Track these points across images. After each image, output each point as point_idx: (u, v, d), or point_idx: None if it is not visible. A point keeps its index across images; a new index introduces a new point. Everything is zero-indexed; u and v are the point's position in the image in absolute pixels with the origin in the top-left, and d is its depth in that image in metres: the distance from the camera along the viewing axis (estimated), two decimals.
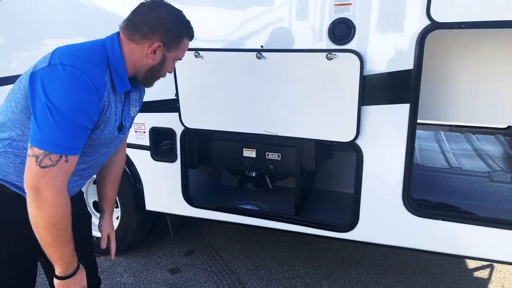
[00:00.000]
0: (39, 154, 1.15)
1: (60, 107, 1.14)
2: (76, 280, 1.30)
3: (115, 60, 1.30)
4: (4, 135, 1.29)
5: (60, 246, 1.23)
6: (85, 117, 1.21)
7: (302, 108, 2.10)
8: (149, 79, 1.42)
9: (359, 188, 2.14)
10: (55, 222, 1.18)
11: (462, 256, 2.23)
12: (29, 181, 1.17)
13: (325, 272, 2.81)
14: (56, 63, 1.18)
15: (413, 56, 1.89)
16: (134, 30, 1.31)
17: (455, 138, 3.79)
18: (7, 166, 1.30)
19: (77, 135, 1.21)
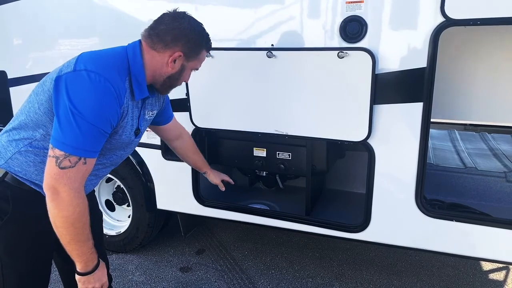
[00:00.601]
0: (59, 155, 1.19)
1: (82, 112, 1.19)
2: (96, 276, 1.34)
3: (135, 68, 1.34)
4: (26, 135, 1.34)
5: (79, 244, 1.27)
6: (105, 122, 1.26)
7: (313, 107, 2.08)
8: (166, 87, 1.48)
9: (371, 188, 2.11)
10: (73, 221, 1.22)
11: (477, 258, 2.18)
12: (48, 181, 1.21)
13: (336, 272, 2.79)
14: (81, 69, 1.24)
15: (427, 54, 1.85)
16: (157, 39, 1.36)
17: (470, 137, 3.73)
18: (27, 165, 1.35)
19: (97, 139, 1.26)
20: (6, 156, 1.36)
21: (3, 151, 1.36)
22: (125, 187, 2.80)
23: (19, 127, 1.35)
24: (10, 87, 2.92)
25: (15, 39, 2.86)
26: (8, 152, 1.35)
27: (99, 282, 1.35)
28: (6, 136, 1.38)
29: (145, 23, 2.36)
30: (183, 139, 1.96)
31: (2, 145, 1.37)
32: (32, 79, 2.81)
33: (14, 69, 2.89)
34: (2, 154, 1.36)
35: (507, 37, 3.12)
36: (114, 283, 2.64)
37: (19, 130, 1.35)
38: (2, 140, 1.39)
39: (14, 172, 1.36)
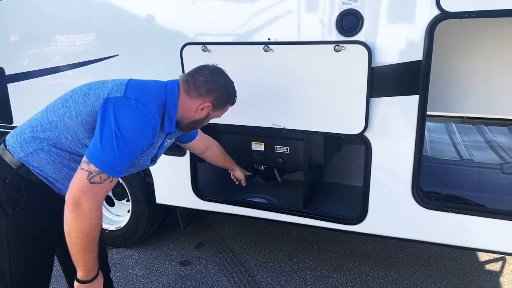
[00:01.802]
0: (93, 170, 1.28)
1: (125, 137, 1.31)
2: (94, 286, 1.40)
3: (171, 105, 1.49)
4: (51, 135, 1.41)
5: (87, 254, 1.34)
6: (139, 149, 1.39)
7: (310, 100, 2.09)
8: (189, 128, 1.65)
9: (368, 180, 2.13)
10: (88, 232, 1.30)
11: (473, 248, 2.21)
12: (74, 191, 1.27)
13: (334, 264, 2.82)
14: (131, 98, 1.37)
15: (423, 47, 1.86)
16: (193, 86, 1.53)
17: (467, 130, 3.74)
18: (46, 163, 1.43)
19: (127, 162, 1.37)
20: (27, 150, 1.42)
21: (25, 145, 1.42)
22: (124, 182, 2.82)
23: (47, 126, 1.42)
24: (7, 84, 2.92)
25: (12, 35, 2.86)
26: (30, 147, 1.42)
27: None
28: (30, 131, 1.44)
29: (142, 18, 2.38)
30: (211, 150, 2.21)
31: (25, 139, 1.43)
32: (29, 75, 2.82)
33: (11, 66, 2.89)
34: (24, 147, 1.42)
35: (503, 29, 3.13)
36: (114, 277, 2.67)
37: (45, 128, 1.42)
38: (25, 133, 1.44)
39: (31, 166, 1.42)
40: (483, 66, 3.40)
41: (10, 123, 2.97)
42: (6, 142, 1.48)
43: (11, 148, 1.44)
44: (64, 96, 1.49)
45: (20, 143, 1.43)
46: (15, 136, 1.47)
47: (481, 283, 2.59)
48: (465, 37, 3.30)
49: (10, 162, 1.43)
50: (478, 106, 3.58)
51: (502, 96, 3.38)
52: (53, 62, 2.71)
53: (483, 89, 3.46)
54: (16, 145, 1.44)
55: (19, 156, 1.42)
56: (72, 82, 2.72)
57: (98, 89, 1.42)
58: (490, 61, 3.36)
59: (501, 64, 3.28)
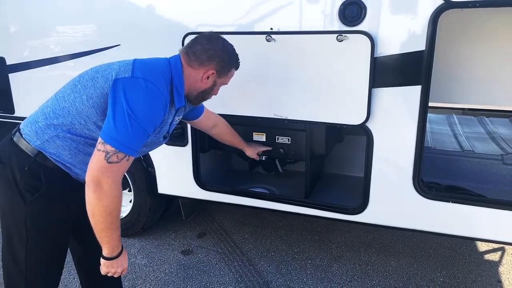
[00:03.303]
0: (110, 150, 1.30)
1: (137, 115, 1.33)
2: (120, 262, 1.47)
3: (177, 80, 1.51)
4: (65, 121, 1.44)
5: (111, 232, 1.39)
6: (152, 126, 1.41)
7: (312, 91, 2.09)
8: (198, 100, 1.67)
9: (369, 171, 2.14)
10: (111, 211, 1.34)
11: (473, 238, 2.23)
12: (93, 173, 1.31)
13: (334, 254, 2.84)
14: (139, 77, 1.39)
15: (426, 37, 1.86)
16: (194, 57, 1.53)
17: (468, 121, 3.74)
18: (63, 149, 1.46)
19: (141, 140, 1.39)
20: (43, 138, 1.45)
21: (41, 133, 1.45)
22: (126, 172, 2.82)
23: (59, 112, 1.44)
24: (9, 74, 2.92)
25: (13, 25, 2.85)
26: (46, 135, 1.44)
27: (121, 267, 1.48)
28: (43, 118, 1.46)
29: (143, 7, 2.37)
30: (218, 127, 2.17)
31: (40, 127, 1.46)
32: (31, 65, 2.81)
33: (12, 56, 2.88)
34: (40, 135, 1.45)
35: (506, 20, 3.11)
36: None
37: (58, 115, 1.44)
38: (39, 121, 1.47)
39: (48, 153, 1.45)
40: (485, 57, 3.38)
41: (12, 113, 2.98)
42: (21, 131, 1.50)
43: (27, 137, 1.46)
44: (72, 82, 1.50)
45: (35, 131, 1.46)
46: (29, 125, 1.48)
47: (481, 273, 2.62)
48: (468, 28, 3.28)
49: (27, 150, 1.45)
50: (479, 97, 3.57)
51: (503, 87, 3.38)
52: (54, 52, 2.70)
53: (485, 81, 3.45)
54: (31, 133, 1.46)
55: (36, 144, 1.45)
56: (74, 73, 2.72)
57: (105, 71, 1.44)
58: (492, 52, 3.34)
59: (503, 56, 3.27)
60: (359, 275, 2.61)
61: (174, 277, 2.61)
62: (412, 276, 2.60)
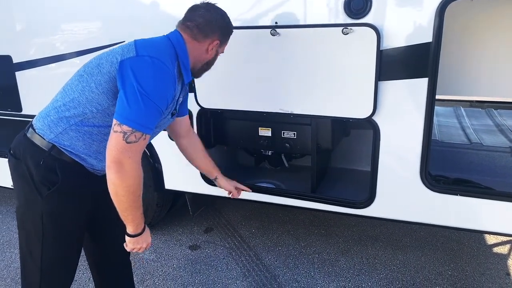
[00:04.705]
0: (127, 130, 1.31)
1: (149, 92, 1.33)
2: (144, 237, 1.52)
3: (183, 56, 1.52)
4: (77, 112, 1.44)
5: (134, 210, 1.42)
6: (164, 103, 1.41)
7: (317, 85, 2.08)
8: (202, 72, 1.68)
9: (376, 164, 2.13)
10: (133, 190, 1.37)
11: (481, 231, 2.22)
12: (114, 154, 1.32)
13: (342, 248, 2.84)
14: (144, 55, 1.39)
15: (432, 28, 1.84)
16: (197, 30, 1.54)
17: (476, 113, 3.71)
18: (77, 140, 1.46)
19: (156, 118, 1.40)
20: (56, 130, 1.45)
21: (54, 126, 1.46)
22: None
23: (70, 104, 1.45)
24: (16, 72, 2.94)
25: (19, 23, 2.86)
26: (59, 127, 1.45)
27: (146, 242, 1.54)
28: (55, 112, 1.47)
29: (146, 5, 2.36)
30: (191, 138, 1.98)
31: (52, 121, 1.46)
32: (37, 63, 2.83)
33: (19, 54, 2.90)
34: (53, 128, 1.46)
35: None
36: None
37: (69, 107, 1.44)
38: (51, 115, 1.47)
39: (62, 145, 1.46)
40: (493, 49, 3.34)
41: (19, 111, 3.00)
42: (34, 126, 1.50)
43: (40, 131, 1.47)
44: (78, 73, 1.50)
45: (48, 125, 1.46)
46: (42, 120, 1.49)
47: (489, 266, 2.60)
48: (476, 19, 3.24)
49: (41, 144, 1.46)
50: (487, 89, 3.53)
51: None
52: (60, 49, 2.72)
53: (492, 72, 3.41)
54: (44, 127, 1.47)
55: (50, 138, 1.45)
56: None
57: (109, 56, 1.44)
58: (500, 43, 3.30)
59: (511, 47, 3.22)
60: (367, 268, 2.61)
61: (182, 272, 2.63)
62: (419, 269, 2.59)
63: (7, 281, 2.57)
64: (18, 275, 2.52)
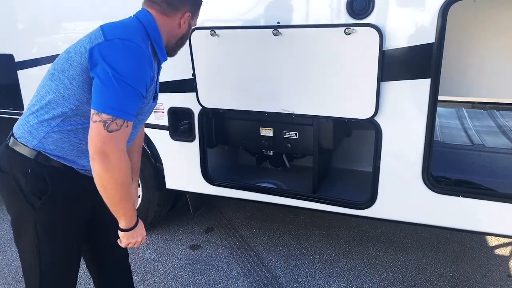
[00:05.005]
0: (107, 119, 1.23)
1: (124, 75, 1.25)
2: (138, 231, 1.44)
3: (154, 34, 1.43)
4: (56, 112, 1.36)
5: (125, 202, 1.35)
6: (143, 85, 1.33)
7: (319, 85, 2.08)
8: (177, 48, 1.57)
9: (378, 165, 2.13)
10: (122, 182, 1.29)
11: (483, 232, 2.21)
12: (97, 145, 1.24)
13: (343, 249, 2.84)
14: (113, 38, 1.29)
15: (435, 29, 1.83)
16: (166, 5, 1.44)
17: (478, 115, 3.69)
18: (62, 142, 1.38)
19: (136, 102, 1.32)
20: (39, 136, 1.38)
21: (35, 132, 1.38)
22: None
23: (47, 106, 1.37)
24: (17, 71, 2.94)
25: (21, 22, 2.87)
26: (41, 132, 1.37)
27: (140, 236, 1.46)
28: (33, 117, 1.39)
29: None
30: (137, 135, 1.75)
31: (32, 126, 1.39)
32: (39, 62, 2.83)
33: (21, 52, 2.90)
34: (34, 134, 1.38)
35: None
36: None
37: (47, 109, 1.37)
38: (30, 121, 1.40)
39: (48, 150, 1.38)
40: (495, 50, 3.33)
41: (21, 110, 3.01)
42: (15, 134, 1.43)
43: (22, 140, 1.40)
44: (48, 72, 1.42)
45: (29, 132, 1.39)
46: (21, 127, 1.42)
47: (491, 268, 2.59)
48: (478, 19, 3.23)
49: (25, 153, 1.39)
50: (490, 90, 3.52)
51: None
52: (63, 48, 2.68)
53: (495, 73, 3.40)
54: (25, 134, 1.39)
55: (33, 145, 1.38)
56: None
57: (77, 47, 1.36)
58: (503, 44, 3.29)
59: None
60: (368, 269, 2.61)
61: (183, 272, 2.63)
62: (421, 270, 2.58)
63: (8, 279, 2.57)
64: (19, 274, 2.52)
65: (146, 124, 2.64)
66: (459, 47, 3.35)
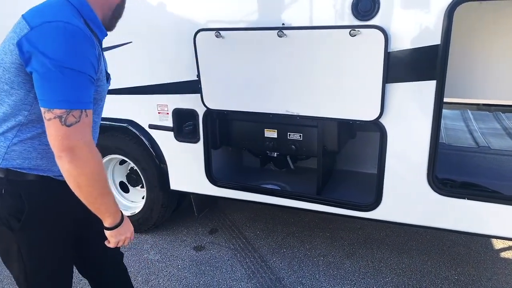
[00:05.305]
0: (61, 114, 1.12)
1: (64, 61, 1.12)
2: (125, 227, 1.35)
3: (86, 11, 1.27)
4: (10, 124, 1.24)
5: (106, 197, 1.25)
6: (89, 66, 1.19)
7: (324, 86, 2.08)
8: (114, 20, 1.43)
9: (383, 167, 2.12)
10: (97, 175, 1.19)
11: (489, 235, 2.19)
12: (59, 143, 1.14)
13: (347, 251, 2.83)
14: (40, 23, 1.14)
15: (441, 30, 1.83)
16: None
17: (484, 117, 3.68)
18: (28, 153, 1.27)
19: (88, 88, 1.19)
20: (0, 153, 1.26)
21: None
22: (138, 168, 2.85)
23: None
24: None
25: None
26: (1, 148, 1.25)
27: (129, 231, 1.37)
28: None
29: (153, 5, 2.37)
30: None
31: None
32: None
33: None
34: None
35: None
36: (130, 262, 2.73)
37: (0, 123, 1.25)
38: None
39: (15, 166, 1.26)
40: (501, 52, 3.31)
41: None
42: None
43: None
44: None
45: None
46: None
47: (496, 270, 2.57)
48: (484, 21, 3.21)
49: None
50: (495, 92, 3.50)
51: None
52: None
53: (500, 75, 3.38)
54: None
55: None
56: None
57: (5, 47, 1.20)
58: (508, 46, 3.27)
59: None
60: (372, 272, 2.60)
61: (187, 273, 2.63)
62: (426, 273, 2.57)
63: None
64: None
65: (151, 125, 2.66)
66: (464, 49, 3.34)
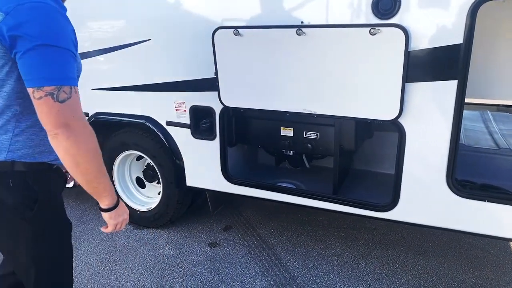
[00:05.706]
0: (52, 90, 1.11)
1: (46, 40, 1.12)
2: (123, 207, 1.35)
3: None
4: (7, 116, 1.24)
5: (103, 176, 1.24)
6: (69, 42, 1.19)
7: (343, 85, 2.06)
8: None
9: (401, 167, 2.10)
10: (94, 152, 1.19)
11: (508, 239, 2.15)
12: (54, 121, 1.12)
13: (362, 251, 2.81)
14: (14, 7, 1.11)
15: (463, 29, 1.79)
16: None
17: (504, 118, 3.60)
18: (30, 141, 1.27)
19: (72, 64, 1.19)
20: (4, 146, 1.26)
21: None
22: (155, 164, 2.89)
23: None
24: None
25: None
26: (5, 141, 1.25)
27: (126, 212, 1.36)
28: None
29: (172, 3, 2.39)
30: None
31: None
32: None
33: None
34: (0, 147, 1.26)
35: None
36: (146, 256, 2.77)
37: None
38: None
39: (22, 156, 1.26)
40: None
41: None
42: None
43: None
44: None
45: None
46: None
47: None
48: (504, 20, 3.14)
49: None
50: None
51: None
52: (85, 47, 2.77)
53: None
54: None
55: (3, 157, 1.25)
56: (105, 67, 2.80)
57: None
58: None
59: None
60: (387, 273, 2.57)
61: (202, 269, 2.65)
62: (442, 276, 2.53)
63: None
64: None
65: (168, 122, 2.69)
66: (484, 48, 3.27)
